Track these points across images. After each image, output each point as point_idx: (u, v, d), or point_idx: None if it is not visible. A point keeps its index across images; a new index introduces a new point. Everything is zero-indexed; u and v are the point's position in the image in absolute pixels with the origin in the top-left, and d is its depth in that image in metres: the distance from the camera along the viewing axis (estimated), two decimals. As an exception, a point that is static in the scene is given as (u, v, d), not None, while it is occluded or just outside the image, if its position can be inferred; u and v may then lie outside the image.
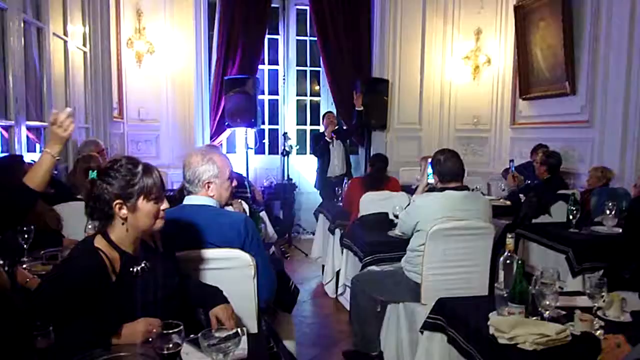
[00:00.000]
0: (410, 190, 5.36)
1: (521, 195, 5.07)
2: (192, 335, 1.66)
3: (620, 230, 3.99)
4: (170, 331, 1.47)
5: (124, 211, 1.79)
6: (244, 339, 1.63)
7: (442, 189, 3.23)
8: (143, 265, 1.86)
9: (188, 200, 2.37)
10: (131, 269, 1.82)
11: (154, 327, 1.65)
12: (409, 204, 3.55)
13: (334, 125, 6.70)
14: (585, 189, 5.10)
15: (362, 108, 6.79)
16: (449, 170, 3.22)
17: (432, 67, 7.59)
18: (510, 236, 2.37)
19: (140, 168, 1.83)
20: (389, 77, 7.39)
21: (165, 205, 1.85)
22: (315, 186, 6.64)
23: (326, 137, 6.64)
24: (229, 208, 3.45)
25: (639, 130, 5.05)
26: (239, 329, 1.60)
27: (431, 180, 3.45)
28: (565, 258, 3.80)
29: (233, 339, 1.55)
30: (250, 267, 2.26)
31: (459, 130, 7.70)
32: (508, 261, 2.35)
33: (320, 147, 6.65)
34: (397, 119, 7.54)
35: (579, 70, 5.77)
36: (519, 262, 2.15)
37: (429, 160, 3.47)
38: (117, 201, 1.79)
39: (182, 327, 1.48)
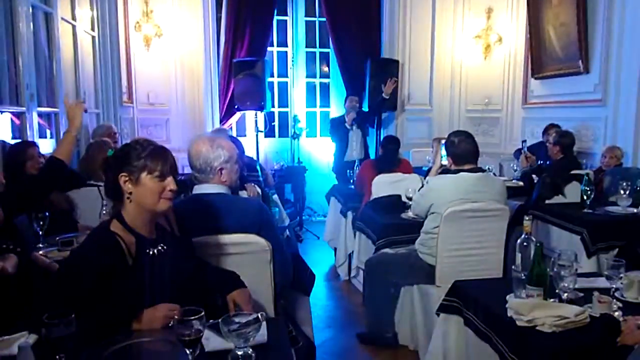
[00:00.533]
0: (422, 172, 5.34)
1: (534, 176, 5.03)
2: (211, 321, 1.66)
3: (635, 210, 3.97)
4: (192, 318, 1.47)
5: (129, 185, 1.79)
6: (264, 324, 1.63)
7: (456, 171, 3.22)
8: (160, 247, 1.87)
9: (199, 189, 2.33)
10: (147, 251, 1.83)
11: (174, 313, 1.66)
12: (422, 186, 3.54)
13: (355, 111, 6.46)
14: (598, 168, 5.07)
15: (389, 96, 6.68)
16: (464, 152, 3.20)
17: (443, 47, 7.52)
18: (527, 218, 2.36)
19: (150, 146, 1.83)
20: (399, 58, 7.32)
21: (172, 186, 1.81)
22: (333, 170, 6.57)
23: (346, 124, 6.44)
24: (243, 193, 3.49)
25: (654, 109, 4.98)
26: (259, 314, 1.60)
27: (445, 162, 3.44)
28: (580, 239, 3.77)
29: (254, 325, 1.55)
30: (267, 252, 2.26)
31: (470, 110, 7.63)
32: (525, 243, 2.34)
33: (339, 133, 6.48)
34: (407, 100, 7.50)
35: (593, 49, 5.68)
36: (538, 244, 2.13)
37: (443, 141, 3.46)
38: (122, 174, 1.80)
39: (203, 313, 1.48)
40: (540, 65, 6.60)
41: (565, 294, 2.14)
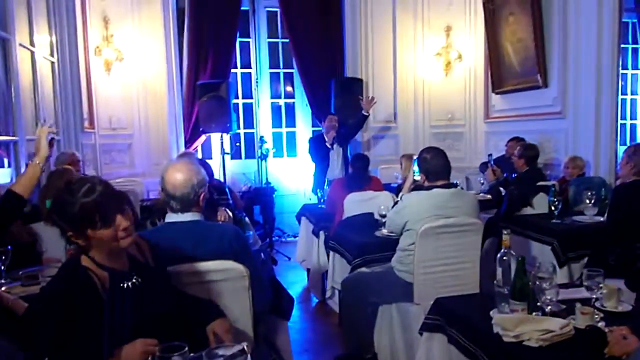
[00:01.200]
0: (391, 189, 5.34)
1: (501, 189, 5.07)
2: (192, 355, 1.57)
3: (601, 219, 4.04)
4: (172, 354, 1.38)
5: (80, 240, 1.69)
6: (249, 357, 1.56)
7: (429, 187, 3.22)
8: (134, 280, 1.79)
9: (174, 218, 2.25)
10: (122, 285, 1.75)
11: (152, 348, 1.58)
12: (395, 203, 3.52)
13: (335, 130, 6.36)
14: (562, 178, 5.17)
15: (369, 113, 6.68)
16: (436, 168, 3.22)
17: (405, 64, 7.60)
18: (506, 232, 2.35)
19: (82, 198, 1.66)
20: (362, 76, 7.37)
21: (124, 224, 1.70)
22: (313, 190, 6.46)
23: (327, 143, 6.35)
24: (219, 216, 3.40)
25: (612, 119, 5.11)
26: (244, 345, 1.52)
27: (417, 177, 3.43)
28: (551, 249, 3.82)
29: (239, 357, 1.47)
30: (245, 278, 2.21)
31: (434, 126, 7.72)
32: (505, 257, 2.32)
33: (320, 153, 6.38)
34: (373, 117, 7.45)
35: (550, 63, 5.83)
36: (519, 258, 2.12)
37: (414, 157, 3.47)
38: (69, 233, 1.69)
39: (186, 349, 1.40)
40: (500, 81, 6.74)
41: (549, 307, 2.13)
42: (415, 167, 3.41)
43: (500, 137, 6.72)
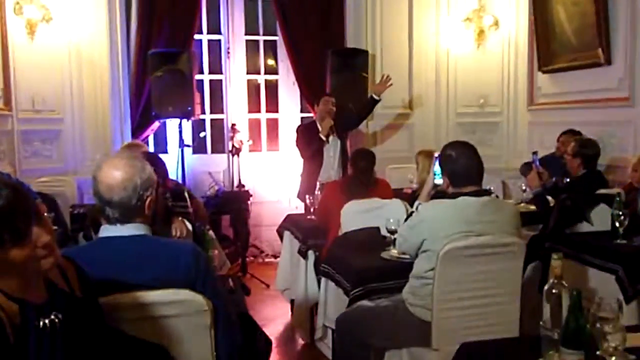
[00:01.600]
0: (402, 195, 5.37)
1: (549, 198, 5.06)
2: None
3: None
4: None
5: None
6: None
7: (455, 195, 3.19)
8: (53, 316, 1.74)
9: (111, 231, 2.23)
10: (36, 323, 1.70)
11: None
12: (409, 215, 3.51)
13: (331, 116, 6.31)
14: (628, 185, 5.14)
15: (380, 98, 6.69)
16: (465, 169, 3.19)
17: (424, 33, 7.59)
18: (556, 257, 2.31)
19: None
20: (368, 48, 7.38)
21: (44, 238, 1.67)
22: (299, 196, 6.44)
23: (320, 134, 6.30)
24: (173, 229, 3.37)
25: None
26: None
27: (439, 181, 3.41)
28: (615, 278, 3.78)
29: None
30: (205, 313, 2.20)
31: (462, 114, 7.71)
32: (554, 290, 2.28)
33: (311, 147, 6.34)
34: (381, 102, 7.45)
35: (616, 33, 5.82)
36: (574, 293, 2.08)
37: (435, 155, 3.44)
38: None
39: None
40: (549, 56, 6.73)
41: (613, 357, 2.09)
42: (437, 168, 3.38)
43: (547, 129, 6.72)
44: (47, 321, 1.71)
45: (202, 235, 3.69)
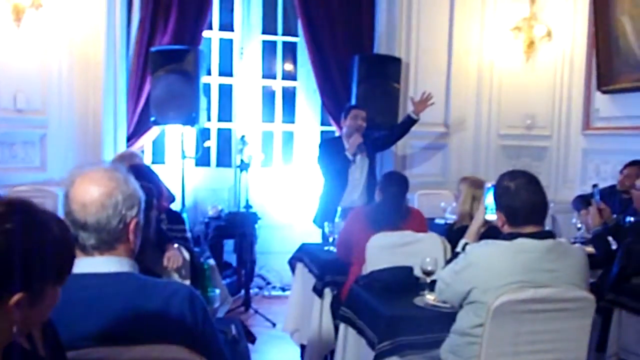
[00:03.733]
0: (437, 228, 5.29)
1: (610, 239, 4.85)
2: None
3: None
4: None
5: None
6: None
7: (512, 236, 3.03)
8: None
9: (85, 266, 2.04)
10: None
11: None
12: (454, 256, 3.37)
13: (361, 132, 6.17)
14: None
15: (419, 117, 6.56)
16: (525, 206, 3.03)
17: (466, 41, 7.54)
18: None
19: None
20: (401, 55, 7.31)
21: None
22: (316, 222, 6.32)
23: (347, 152, 6.15)
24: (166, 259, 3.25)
25: None
26: None
27: (491, 217, 3.31)
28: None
29: None
30: None
31: (505, 136, 7.67)
32: None
33: (335, 165, 6.19)
34: None
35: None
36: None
37: (487, 185, 3.34)
38: None
39: None
40: (611, 73, 6.70)
41: None
42: (490, 201, 3.28)
43: (605, 158, 6.77)
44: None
45: (202, 270, 3.50)
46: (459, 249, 3.41)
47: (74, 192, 2.06)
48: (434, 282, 3.52)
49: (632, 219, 5.09)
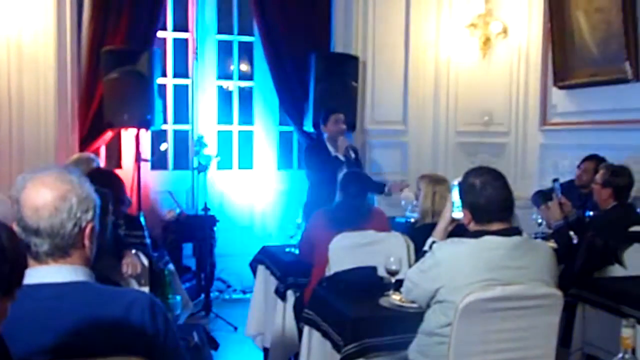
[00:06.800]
0: (399, 226, 5.23)
1: (572, 233, 4.88)
2: None
3: None
4: None
5: None
6: None
7: (478, 234, 3.02)
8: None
9: (36, 275, 1.96)
10: None
11: None
12: (421, 255, 3.34)
13: (343, 133, 6.21)
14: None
15: (391, 194, 6.56)
16: (490, 202, 3.02)
17: (422, 39, 7.56)
18: (626, 323, 2.06)
19: None
20: (358, 53, 7.33)
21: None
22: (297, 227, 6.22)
23: (338, 154, 6.14)
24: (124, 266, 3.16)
25: None
26: None
27: (457, 215, 3.28)
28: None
29: None
30: None
31: (462, 133, 7.69)
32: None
33: (325, 169, 6.12)
34: (370, 115, 7.49)
35: (646, 45, 5.85)
36: None
37: (454, 183, 3.29)
38: None
39: None
40: (567, 69, 6.74)
41: None
42: (456, 198, 3.25)
43: (562, 153, 6.81)
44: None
45: (162, 277, 3.42)
46: (426, 247, 3.39)
47: (25, 196, 1.99)
48: (398, 282, 3.53)
49: (592, 213, 5.13)
